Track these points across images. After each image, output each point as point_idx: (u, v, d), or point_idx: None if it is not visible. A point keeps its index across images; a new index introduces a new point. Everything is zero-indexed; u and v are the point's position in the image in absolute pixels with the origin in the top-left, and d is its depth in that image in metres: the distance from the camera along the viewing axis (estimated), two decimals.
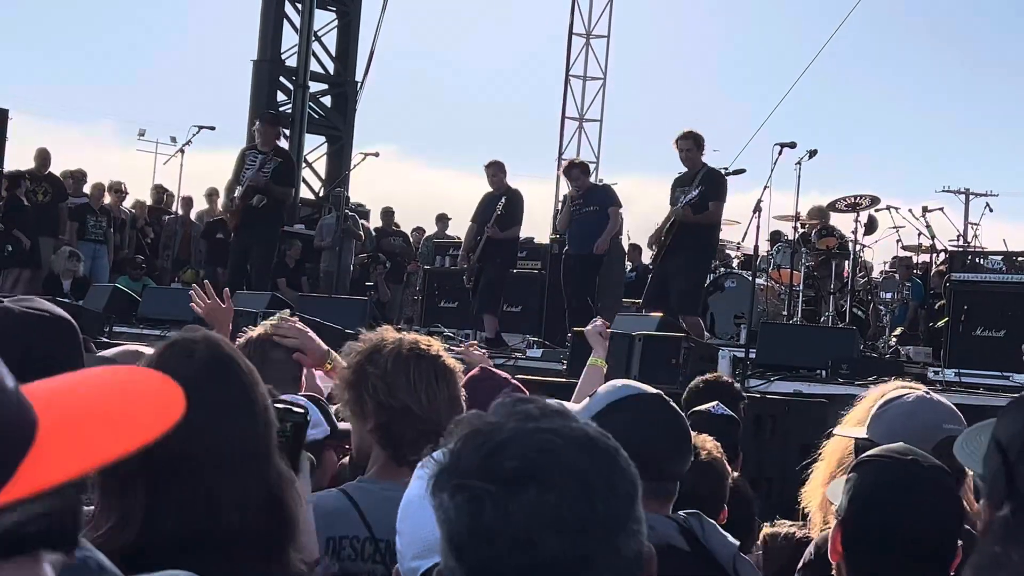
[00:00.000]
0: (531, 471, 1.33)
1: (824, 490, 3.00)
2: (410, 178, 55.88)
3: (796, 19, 76.19)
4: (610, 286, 13.27)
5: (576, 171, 12.55)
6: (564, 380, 8.12)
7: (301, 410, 2.47)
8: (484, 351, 5.78)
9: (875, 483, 2.34)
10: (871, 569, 2.31)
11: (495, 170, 12.84)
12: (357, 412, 2.93)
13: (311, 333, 3.79)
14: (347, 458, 3.34)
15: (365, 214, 18.81)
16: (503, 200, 12.51)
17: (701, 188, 10.87)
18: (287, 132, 17.46)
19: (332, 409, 3.26)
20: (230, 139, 20.60)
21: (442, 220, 19.61)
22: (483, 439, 1.37)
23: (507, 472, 1.33)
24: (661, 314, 10.08)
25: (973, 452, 1.74)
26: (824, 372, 9.37)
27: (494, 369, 3.76)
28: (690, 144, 11.26)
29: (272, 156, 13.17)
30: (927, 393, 3.17)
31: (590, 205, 12.09)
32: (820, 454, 3.37)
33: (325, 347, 3.74)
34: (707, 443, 3.63)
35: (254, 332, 3.78)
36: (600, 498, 1.34)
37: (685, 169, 11.33)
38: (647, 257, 17.60)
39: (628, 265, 16.50)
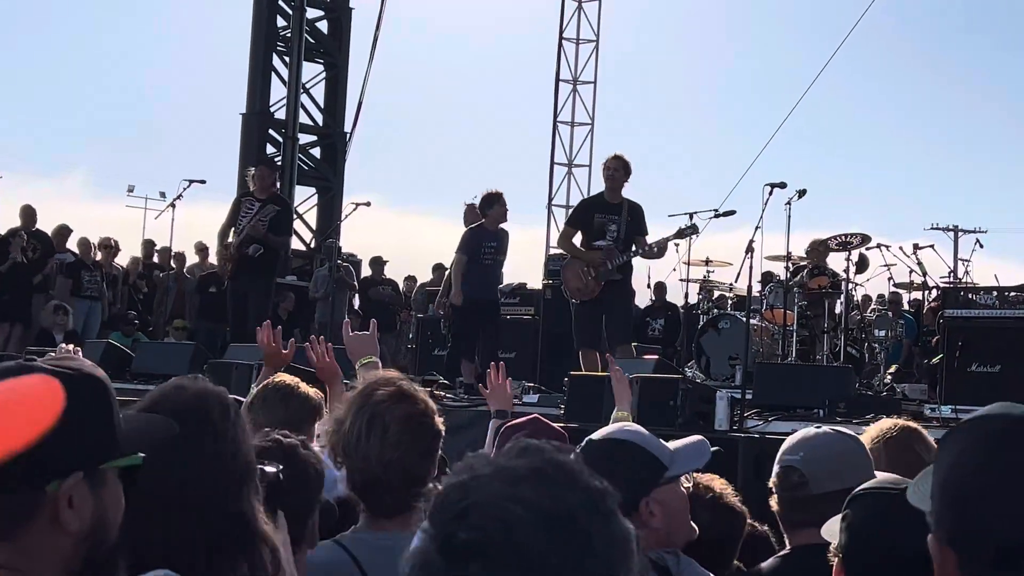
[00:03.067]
0: (481, 547, 1.26)
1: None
2: (401, 227, 56.00)
3: (782, 62, 76.76)
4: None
5: None
6: (563, 425, 8.09)
7: (273, 469, 2.46)
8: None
9: (872, 516, 2.36)
10: None
11: (471, 214, 12.99)
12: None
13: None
14: None
15: (357, 264, 18.82)
16: None
17: (629, 221, 11.05)
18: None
19: None
20: (220, 192, 20.68)
21: (438, 269, 19.59)
22: (456, 498, 1.32)
23: (458, 544, 1.28)
24: (657, 357, 10.08)
25: (923, 492, 1.75)
26: (821, 411, 9.36)
27: (547, 421, 3.72)
28: (619, 165, 11.26)
29: (270, 204, 13.06)
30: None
31: None
32: None
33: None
34: (715, 483, 3.63)
35: (277, 377, 4.02)
36: None
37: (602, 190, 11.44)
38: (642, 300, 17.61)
39: None
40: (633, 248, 11.02)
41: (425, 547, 1.30)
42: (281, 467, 2.48)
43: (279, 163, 18.76)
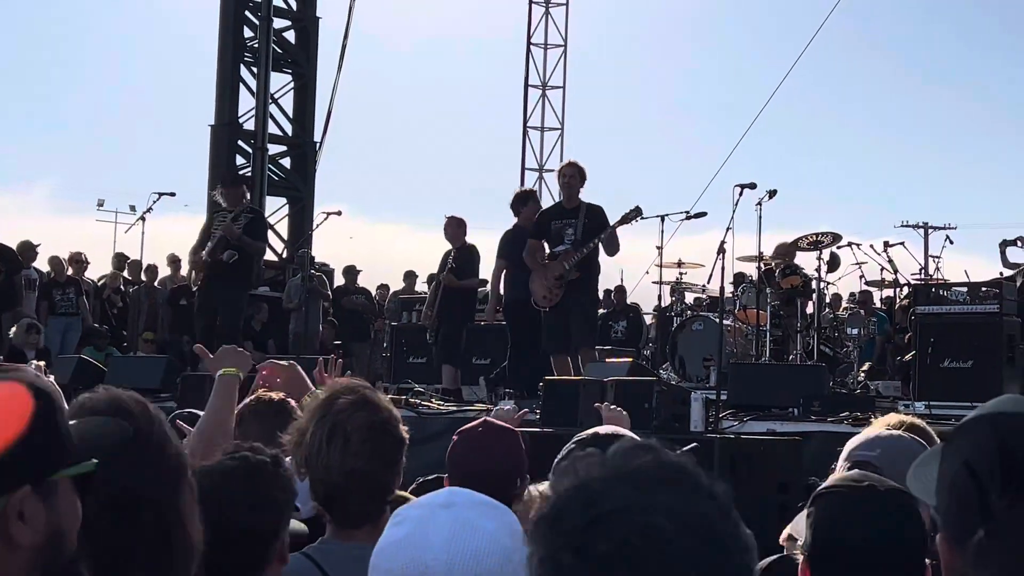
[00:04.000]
0: (627, 558, 1.24)
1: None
2: (373, 236, 55.91)
3: (750, 63, 77.00)
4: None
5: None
6: (538, 430, 8.09)
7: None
8: (515, 408, 5.67)
9: (837, 513, 2.35)
10: None
11: (452, 226, 13.03)
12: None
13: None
14: None
15: (330, 273, 18.78)
16: (454, 252, 12.73)
17: (587, 223, 11.00)
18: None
19: None
20: (191, 205, 20.59)
21: (410, 276, 19.61)
22: (587, 502, 1.29)
23: (600, 554, 1.25)
24: (631, 359, 10.08)
25: (926, 484, 1.73)
26: (796, 410, 9.39)
27: (498, 422, 3.70)
28: (574, 171, 11.31)
29: (243, 212, 12.80)
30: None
31: None
32: None
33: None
34: None
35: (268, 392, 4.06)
36: None
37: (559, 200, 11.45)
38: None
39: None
40: (590, 244, 10.99)
41: (555, 556, 1.27)
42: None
43: (248, 174, 18.70)
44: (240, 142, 19.56)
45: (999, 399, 1.70)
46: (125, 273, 18.53)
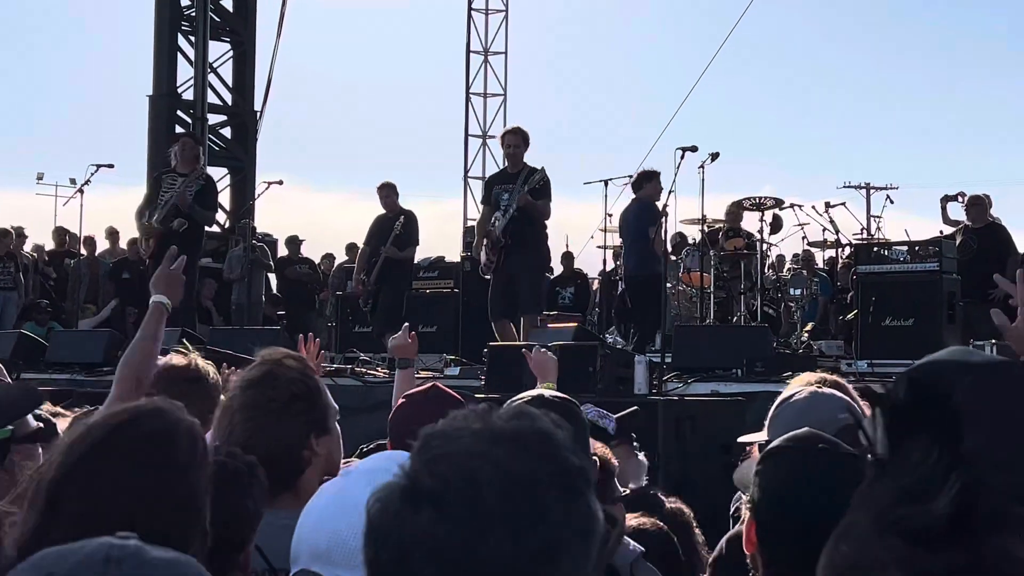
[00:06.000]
0: (440, 495, 1.29)
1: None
2: (316, 205, 55.59)
3: (691, 26, 77.16)
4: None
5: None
6: (484, 396, 8.10)
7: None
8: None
9: (785, 473, 2.32)
10: (786, 559, 2.30)
11: (388, 192, 13.02)
12: None
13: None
14: None
15: (273, 244, 18.65)
16: (401, 220, 12.65)
17: (535, 178, 10.90)
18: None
19: None
20: (130, 176, 20.41)
21: (353, 249, 19.48)
22: (435, 445, 1.34)
23: (417, 486, 1.31)
24: (576, 324, 10.09)
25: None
26: (740, 371, 9.46)
27: (445, 388, 3.70)
28: (518, 140, 11.25)
29: (194, 178, 12.29)
30: (819, 388, 3.20)
31: None
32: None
33: None
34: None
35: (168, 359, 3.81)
36: (499, 543, 1.27)
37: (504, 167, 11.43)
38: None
39: None
40: (510, 210, 10.92)
41: (391, 484, 1.32)
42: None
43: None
44: (179, 112, 19.34)
45: (942, 351, 1.69)
46: (51, 245, 18.37)
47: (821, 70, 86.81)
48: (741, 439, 3.31)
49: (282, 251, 18.99)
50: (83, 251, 17.71)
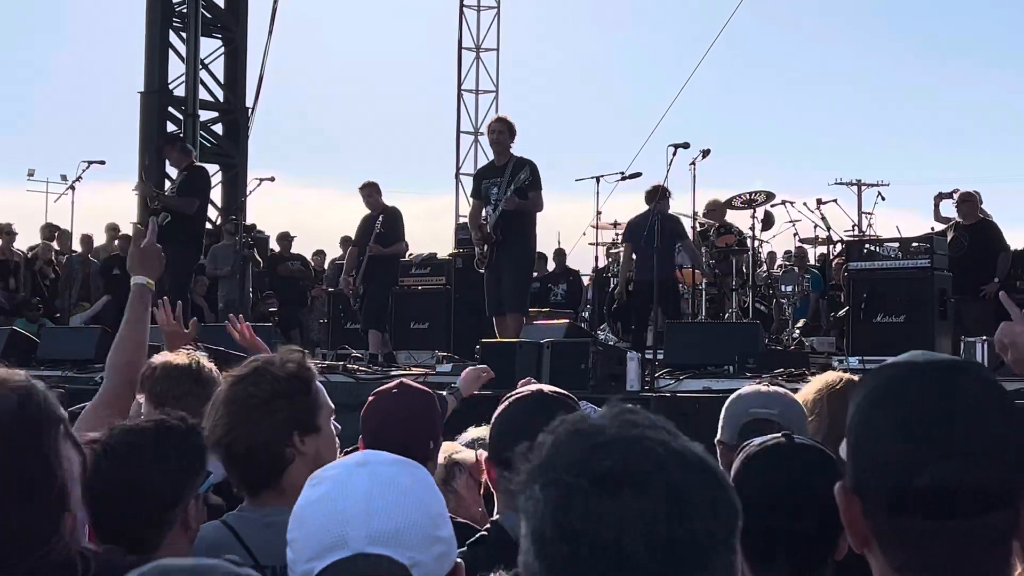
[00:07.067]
0: (628, 474, 1.27)
1: None
2: (308, 202, 55.56)
3: (683, 23, 77.17)
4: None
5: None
6: (476, 392, 8.09)
7: None
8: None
9: (754, 474, 2.41)
10: (760, 554, 2.32)
11: (370, 191, 13.09)
12: None
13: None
14: None
15: (264, 240, 18.62)
16: (380, 218, 12.69)
17: (521, 177, 10.83)
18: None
19: None
20: (121, 173, 20.37)
21: (346, 243, 19.43)
22: (584, 438, 1.32)
23: (603, 470, 1.28)
24: (568, 321, 10.09)
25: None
26: (732, 368, 9.46)
27: (414, 384, 3.72)
28: (502, 127, 11.20)
29: (182, 173, 12.54)
30: (760, 384, 3.56)
31: None
32: None
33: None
34: None
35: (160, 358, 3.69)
36: (699, 517, 1.28)
37: (491, 158, 11.37)
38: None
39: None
40: (500, 206, 10.93)
41: (558, 480, 1.29)
42: None
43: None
44: (171, 108, 19.36)
45: (904, 354, 1.74)
46: (55, 244, 18.28)
47: (812, 67, 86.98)
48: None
49: (274, 247, 18.97)
50: (78, 248, 17.66)
